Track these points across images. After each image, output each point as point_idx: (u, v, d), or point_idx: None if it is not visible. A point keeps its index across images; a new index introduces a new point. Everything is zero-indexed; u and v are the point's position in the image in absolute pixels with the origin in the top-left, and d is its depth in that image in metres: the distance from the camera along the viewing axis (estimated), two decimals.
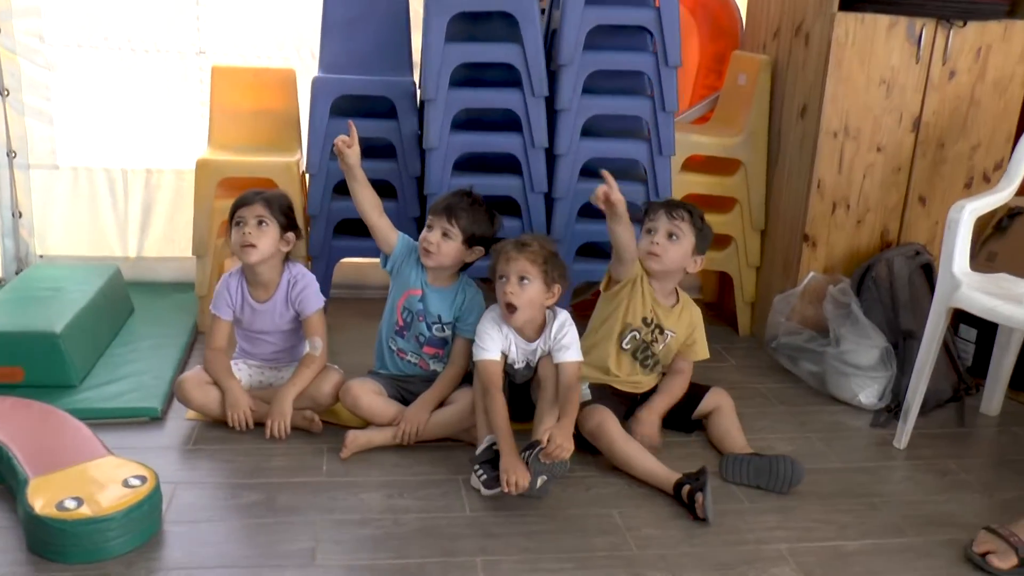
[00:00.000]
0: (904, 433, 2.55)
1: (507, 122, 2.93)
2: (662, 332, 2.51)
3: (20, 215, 3.41)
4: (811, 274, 2.96)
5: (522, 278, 2.32)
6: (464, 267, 2.55)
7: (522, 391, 2.48)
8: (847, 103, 2.89)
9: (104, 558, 1.89)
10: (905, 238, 3.04)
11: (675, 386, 2.56)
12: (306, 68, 3.37)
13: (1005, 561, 1.97)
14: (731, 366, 3.11)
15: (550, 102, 2.92)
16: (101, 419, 2.48)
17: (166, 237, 3.48)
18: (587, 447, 2.38)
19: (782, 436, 2.61)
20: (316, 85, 2.99)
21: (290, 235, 2.52)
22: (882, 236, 3.03)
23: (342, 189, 3.20)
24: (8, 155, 3.33)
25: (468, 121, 2.99)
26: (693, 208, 2.47)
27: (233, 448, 2.40)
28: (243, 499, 2.16)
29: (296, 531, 2.04)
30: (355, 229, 3.11)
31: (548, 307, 2.41)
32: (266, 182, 3.05)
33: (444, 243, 2.45)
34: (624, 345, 2.51)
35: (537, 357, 2.43)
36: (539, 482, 2.16)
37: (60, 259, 3.44)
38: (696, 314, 2.59)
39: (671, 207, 2.46)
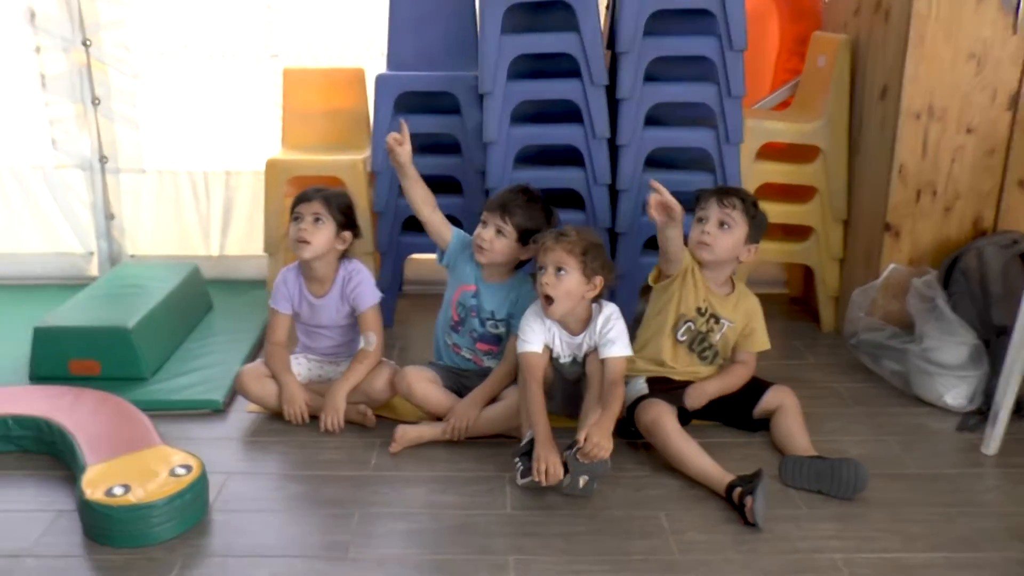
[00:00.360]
0: (993, 438, 2.34)
1: (572, 114, 2.87)
2: (718, 321, 2.40)
3: (113, 217, 3.59)
4: (892, 266, 2.76)
5: (559, 269, 2.26)
6: (520, 264, 2.52)
7: (574, 388, 2.42)
8: (931, 81, 2.69)
9: (150, 543, 1.95)
10: (1001, 226, 2.79)
11: (733, 374, 2.45)
12: (377, 67, 3.39)
13: None
14: (810, 364, 2.94)
15: (612, 92, 2.84)
16: (167, 410, 2.58)
17: (246, 236, 3.59)
18: (645, 443, 2.31)
19: (855, 439, 2.44)
20: (379, 83, 3.01)
21: (346, 233, 2.54)
22: (974, 224, 2.79)
23: None
24: (100, 160, 3.51)
25: (536, 114, 2.95)
26: (746, 194, 2.35)
27: (288, 441, 2.44)
28: (288, 491, 2.19)
29: (334, 524, 2.04)
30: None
31: (593, 300, 2.35)
32: (334, 180, 3.11)
33: (497, 240, 2.42)
34: (679, 336, 2.41)
35: (583, 352, 2.37)
36: (581, 482, 2.10)
37: (149, 258, 3.61)
38: (753, 303, 2.46)
39: (723, 194, 2.35)
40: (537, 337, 2.33)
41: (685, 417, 2.36)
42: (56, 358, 2.70)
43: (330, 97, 3.36)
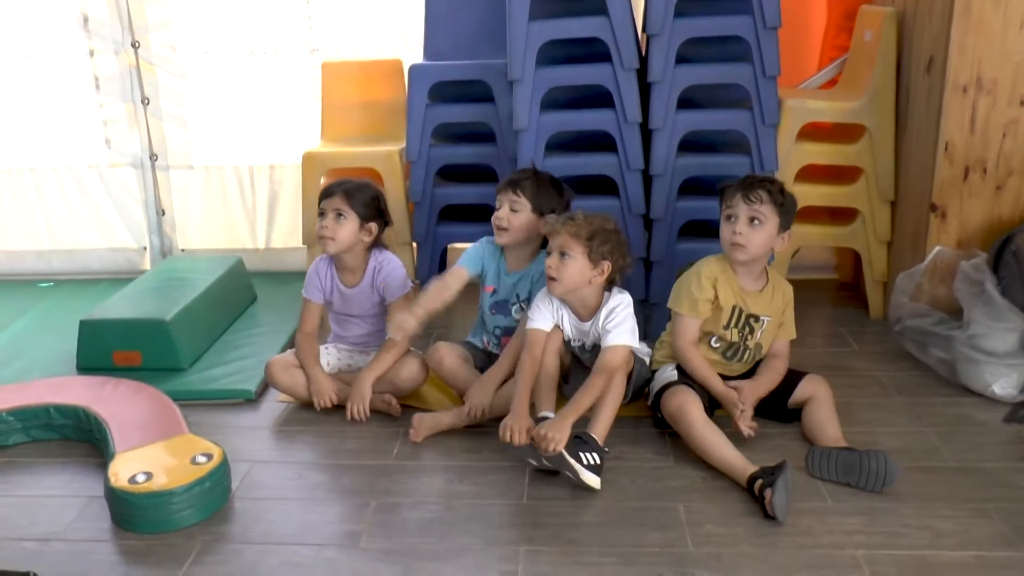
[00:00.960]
0: None
1: (604, 99, 2.82)
2: (757, 320, 2.33)
3: (164, 213, 3.69)
4: (937, 248, 2.63)
5: (563, 253, 2.25)
6: (545, 243, 2.49)
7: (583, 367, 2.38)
8: (979, 52, 2.54)
9: (170, 529, 2.01)
10: None
11: (775, 370, 2.37)
12: (415, 59, 3.39)
13: None
14: (853, 352, 2.83)
15: (644, 75, 2.78)
16: (202, 400, 2.65)
17: (290, 228, 3.65)
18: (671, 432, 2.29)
19: (891, 430, 2.33)
20: (412, 73, 3.01)
21: (371, 225, 2.55)
22: None
23: (446, 174, 3.25)
24: (151, 158, 3.62)
25: (569, 101, 2.91)
26: (772, 182, 2.26)
27: (314, 430, 2.47)
28: (309, 479, 2.22)
29: (349, 512, 2.06)
30: (462, 214, 3.13)
31: (605, 286, 2.32)
32: (370, 171, 3.13)
33: (514, 216, 2.43)
34: (713, 344, 2.36)
35: (591, 340, 2.35)
36: (570, 474, 2.08)
37: (199, 252, 3.71)
38: (788, 292, 2.39)
39: (747, 188, 2.25)
40: (544, 316, 2.33)
41: (712, 406, 2.30)
42: (100, 349, 2.80)
43: (368, 89, 3.39)
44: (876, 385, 2.59)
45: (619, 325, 2.26)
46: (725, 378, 2.35)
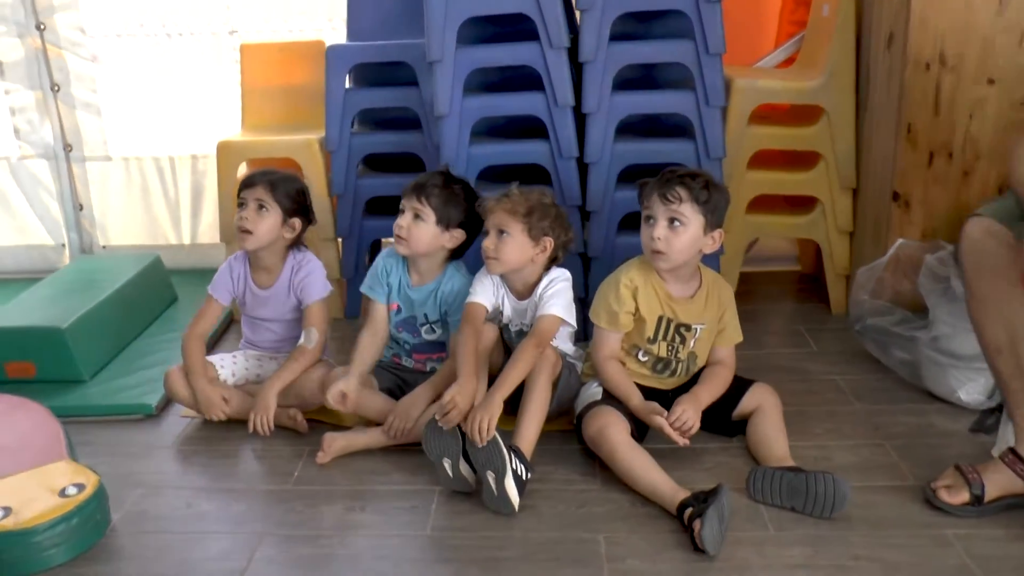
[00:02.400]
0: (1008, 441, 1.99)
1: (536, 82, 2.58)
2: (689, 329, 2.10)
3: (82, 208, 3.45)
4: (900, 241, 2.40)
5: (500, 231, 2.09)
6: (453, 256, 2.28)
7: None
8: (942, 25, 2.31)
9: (37, 570, 1.78)
10: None
11: (719, 377, 2.13)
12: (340, 40, 3.15)
13: (955, 496, 1.82)
14: (811, 352, 2.61)
15: (577, 55, 2.54)
16: (99, 416, 2.42)
17: (216, 223, 3.38)
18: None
19: (846, 443, 2.11)
20: (329, 55, 2.77)
21: (295, 221, 2.33)
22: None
23: (371, 164, 3.02)
24: (64, 149, 3.37)
25: (500, 84, 2.67)
26: (694, 176, 2.00)
27: (213, 450, 2.24)
28: (198, 508, 1.99)
29: (234, 548, 1.83)
30: (389, 207, 2.89)
31: (547, 264, 2.17)
32: (289, 162, 2.89)
33: (416, 226, 2.19)
34: (640, 358, 2.13)
35: (529, 319, 2.16)
36: (491, 481, 1.86)
37: (120, 249, 3.47)
38: (726, 293, 2.15)
39: (664, 186, 2.00)
40: (485, 292, 2.17)
41: (644, 427, 2.07)
42: None
43: (290, 73, 3.14)
44: (833, 391, 2.37)
45: (555, 296, 2.10)
46: (662, 393, 2.12)
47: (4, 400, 2.28)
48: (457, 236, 2.22)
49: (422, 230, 2.18)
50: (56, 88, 3.29)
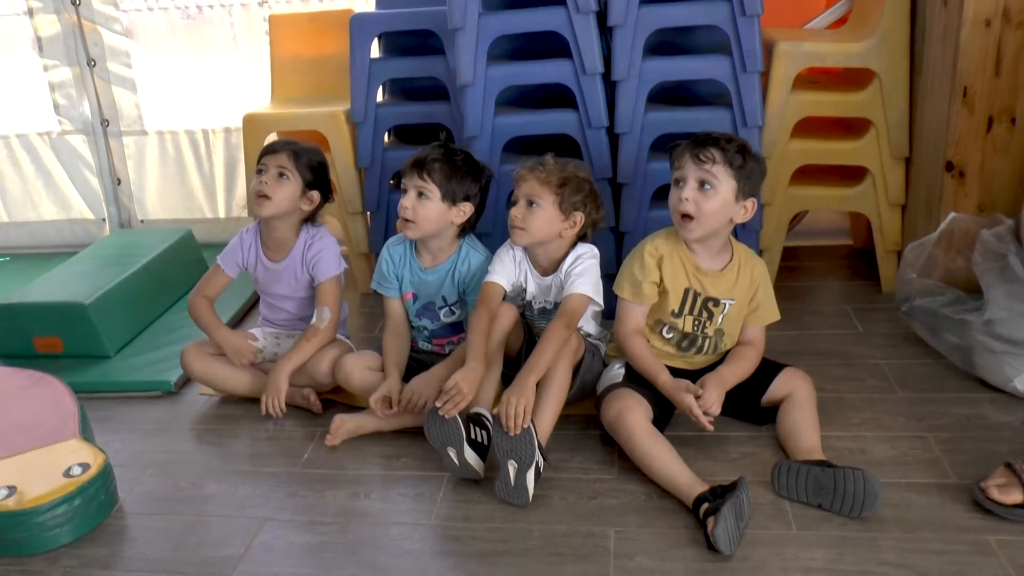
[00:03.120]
0: None
1: (563, 49, 2.45)
2: (717, 304, 1.97)
3: (120, 182, 3.46)
4: (952, 215, 2.21)
5: (531, 202, 2.00)
6: (463, 231, 2.18)
7: None
8: None
9: (41, 550, 1.79)
10: None
11: (746, 358, 2.00)
12: (371, 9, 3.07)
13: (1007, 495, 1.66)
14: (856, 334, 2.44)
15: (605, 20, 2.39)
16: (120, 392, 2.42)
17: None
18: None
19: (885, 434, 1.96)
20: (353, 23, 2.69)
21: (314, 194, 2.27)
22: None
23: (401, 136, 2.93)
24: (102, 124, 3.37)
25: (528, 52, 2.55)
26: (728, 140, 1.87)
27: (226, 429, 2.22)
28: (204, 490, 1.96)
29: (236, 532, 1.80)
30: None
31: (574, 241, 2.08)
32: (315, 134, 2.83)
33: (421, 205, 2.08)
34: (665, 334, 2.01)
35: (553, 298, 2.07)
36: (511, 470, 1.76)
37: (158, 223, 3.47)
38: (758, 270, 2.01)
39: (698, 147, 1.88)
40: (504, 270, 2.09)
41: (667, 413, 1.96)
42: (20, 335, 2.59)
43: (320, 44, 3.06)
44: (877, 376, 2.21)
45: (583, 273, 2.00)
46: (687, 374, 2.00)
47: (25, 376, 2.29)
48: (465, 210, 2.12)
49: (428, 208, 2.08)
50: (92, 63, 3.28)
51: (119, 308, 2.63)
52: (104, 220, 3.52)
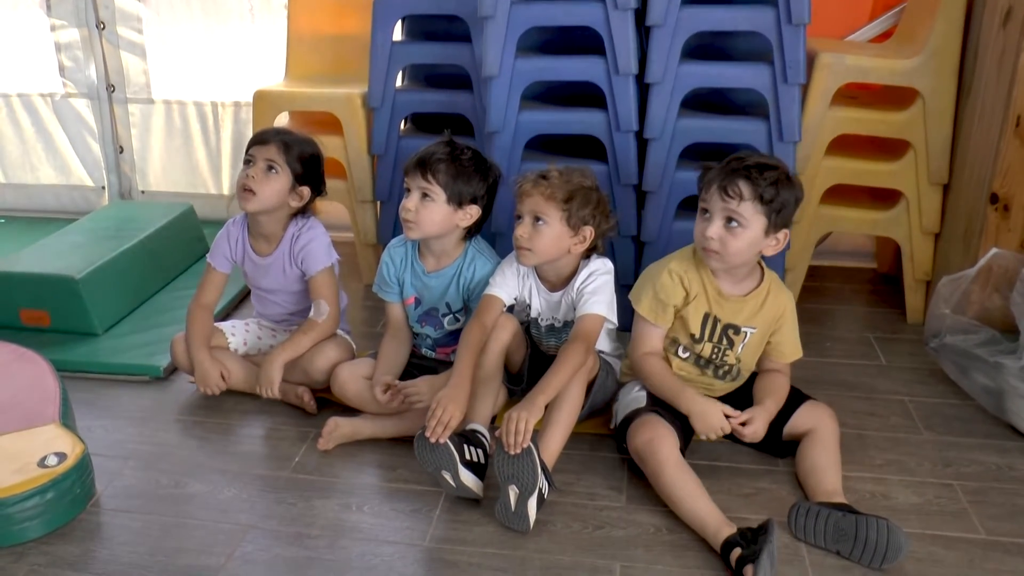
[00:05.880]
0: None
1: (596, 46, 2.33)
2: (737, 332, 1.86)
3: (122, 151, 3.34)
4: (994, 250, 2.10)
5: (537, 218, 1.87)
6: (470, 234, 2.07)
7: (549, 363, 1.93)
8: None
9: (9, 543, 1.68)
10: None
11: (782, 387, 1.88)
12: None
13: None
14: (877, 366, 2.33)
15: (643, 19, 2.27)
16: (106, 373, 2.31)
17: None
18: (635, 470, 1.84)
19: (909, 479, 1.85)
20: (376, 4, 2.56)
21: (303, 189, 2.14)
22: None
23: (419, 124, 2.81)
24: (107, 89, 3.25)
25: (559, 46, 2.43)
26: (762, 169, 1.73)
27: (215, 423, 2.11)
28: (186, 489, 1.86)
29: (217, 539, 1.69)
30: None
31: (584, 254, 1.95)
32: (328, 117, 2.71)
33: (424, 207, 1.96)
34: (680, 354, 1.90)
35: (562, 315, 1.96)
36: (512, 496, 1.66)
37: (159, 195, 3.36)
38: (784, 300, 1.89)
39: (726, 177, 1.74)
40: (506, 284, 1.98)
41: (687, 440, 1.85)
42: (6, 305, 2.48)
43: (340, 21, 2.93)
44: (901, 415, 2.10)
45: (597, 292, 1.88)
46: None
47: (9, 350, 2.17)
48: (472, 212, 1.99)
49: (432, 211, 1.96)
50: (102, 26, 3.16)
51: (111, 285, 2.52)
52: (104, 188, 3.40)
